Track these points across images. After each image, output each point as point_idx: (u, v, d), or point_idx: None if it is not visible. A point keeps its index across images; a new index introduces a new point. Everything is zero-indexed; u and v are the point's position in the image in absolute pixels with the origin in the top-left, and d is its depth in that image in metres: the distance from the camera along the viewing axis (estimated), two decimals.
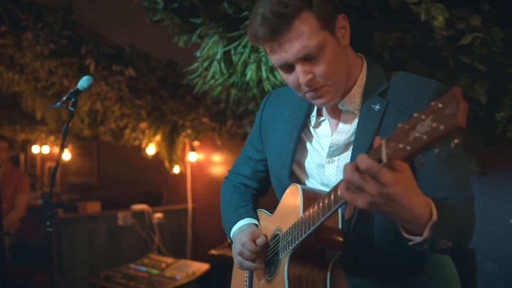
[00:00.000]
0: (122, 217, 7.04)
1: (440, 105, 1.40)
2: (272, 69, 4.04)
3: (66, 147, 11.15)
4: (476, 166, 5.48)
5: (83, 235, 6.78)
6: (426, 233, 1.73)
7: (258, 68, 4.05)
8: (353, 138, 2.14)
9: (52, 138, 10.58)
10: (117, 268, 6.73)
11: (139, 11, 3.99)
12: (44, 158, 12.52)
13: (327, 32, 2.00)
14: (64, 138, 3.69)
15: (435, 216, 1.72)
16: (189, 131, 7.37)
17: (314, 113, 2.27)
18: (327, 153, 2.20)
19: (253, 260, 2.28)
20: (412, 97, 2.02)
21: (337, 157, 2.18)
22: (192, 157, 8.20)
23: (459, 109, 1.35)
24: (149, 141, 7.48)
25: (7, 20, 5.16)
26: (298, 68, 2.03)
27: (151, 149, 7.71)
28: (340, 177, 2.12)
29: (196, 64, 4.35)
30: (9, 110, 8.81)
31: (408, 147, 1.46)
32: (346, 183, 1.68)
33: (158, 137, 7.35)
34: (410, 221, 1.74)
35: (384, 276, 2.08)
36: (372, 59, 2.24)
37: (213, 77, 4.26)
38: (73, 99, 3.56)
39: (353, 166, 1.64)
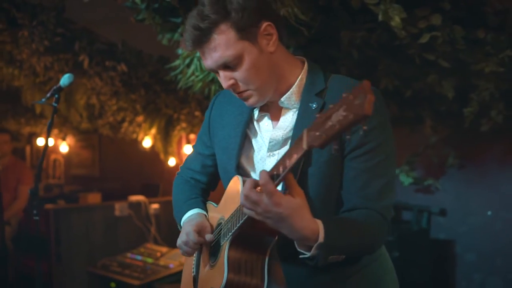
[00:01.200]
0: (119, 208, 7.16)
1: (351, 96, 1.62)
2: None
3: (64, 139, 11.37)
4: (455, 159, 5.61)
5: (81, 225, 6.90)
6: (313, 252, 1.99)
7: None
8: (291, 134, 2.30)
9: (56, 131, 10.73)
10: (114, 257, 6.87)
11: (131, 9, 4.08)
12: (49, 150, 12.67)
13: (246, 42, 2.16)
14: (48, 132, 3.89)
15: (321, 239, 1.96)
16: (184, 125, 7.50)
17: (257, 110, 2.42)
18: (267, 147, 2.36)
19: (197, 249, 2.47)
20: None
21: (277, 151, 2.34)
22: (188, 149, 8.28)
23: (366, 100, 1.57)
24: (145, 134, 7.60)
25: (4, 18, 5.32)
26: (221, 74, 2.23)
27: (147, 142, 7.82)
28: None
29: (178, 61, 4.50)
30: (13, 104, 8.96)
31: (324, 135, 1.69)
32: (245, 197, 1.96)
33: (153, 130, 7.48)
34: (298, 241, 2.02)
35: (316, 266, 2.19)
36: (314, 64, 2.38)
37: (193, 73, 4.40)
38: (56, 96, 3.74)
39: (252, 184, 1.97)
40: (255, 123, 2.45)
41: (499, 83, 4.09)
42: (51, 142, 12.14)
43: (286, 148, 2.32)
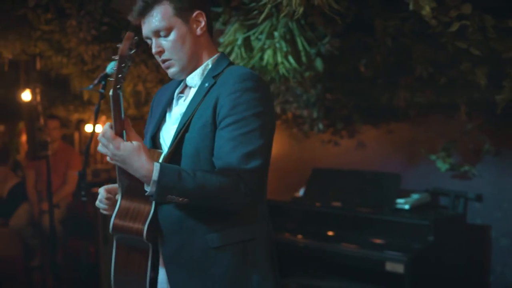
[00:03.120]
0: None
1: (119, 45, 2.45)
2: (286, 55, 4.36)
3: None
4: (491, 146, 5.68)
5: None
6: (149, 188, 2.47)
7: (274, 53, 4.37)
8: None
9: (103, 117, 10.91)
10: None
11: None
12: (96, 136, 12.89)
13: (179, 20, 2.70)
14: (95, 118, 4.06)
15: (154, 177, 2.42)
16: None
17: (178, 90, 2.93)
18: (171, 120, 2.88)
19: (109, 205, 2.85)
20: (226, 79, 2.68)
21: (176, 124, 2.78)
22: None
23: (123, 42, 2.39)
24: None
25: (53, 8, 5.50)
26: (153, 42, 2.76)
27: None
28: None
29: (219, 50, 4.66)
30: (62, 91, 9.14)
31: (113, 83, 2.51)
32: (99, 141, 2.52)
33: None
34: (141, 179, 2.49)
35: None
36: (226, 57, 2.92)
37: (234, 61, 4.56)
38: (103, 82, 3.94)
39: (105, 130, 2.51)
40: (174, 101, 2.93)
41: None
42: (98, 128, 12.39)
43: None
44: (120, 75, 2.45)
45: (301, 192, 6.59)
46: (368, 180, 6.07)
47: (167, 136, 2.85)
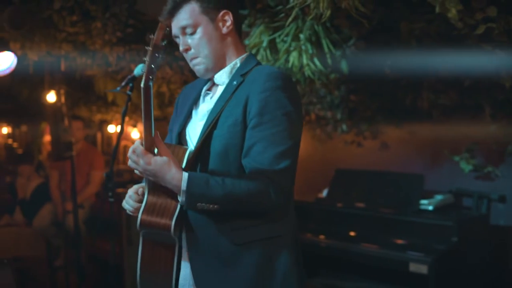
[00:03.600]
0: None
1: (152, 36, 2.53)
2: (312, 57, 4.40)
3: (135, 126, 11.63)
4: None
5: None
6: (180, 198, 2.56)
7: (300, 55, 4.41)
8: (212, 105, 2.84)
9: (126, 118, 10.96)
10: None
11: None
12: (123, 137, 12.95)
13: (206, 18, 2.76)
14: (123, 119, 4.18)
15: (183, 187, 2.51)
16: None
17: (206, 87, 2.98)
18: (198, 117, 2.92)
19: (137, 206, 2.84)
20: (255, 77, 2.72)
21: (204, 121, 2.81)
22: None
23: (156, 32, 2.51)
24: None
25: (78, 10, 5.56)
26: (181, 40, 2.85)
27: None
28: None
29: None
30: (85, 92, 9.22)
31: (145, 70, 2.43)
32: (128, 158, 2.58)
33: None
34: (172, 188, 2.57)
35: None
36: (254, 57, 2.95)
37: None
38: (130, 84, 4.03)
39: (132, 148, 2.55)
40: (201, 98, 2.99)
41: None
42: (118, 128, 12.45)
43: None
44: (152, 66, 2.47)
45: (324, 193, 6.60)
46: (391, 181, 6.07)
47: (193, 132, 2.89)
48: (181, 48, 2.86)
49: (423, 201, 5.68)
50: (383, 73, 5.23)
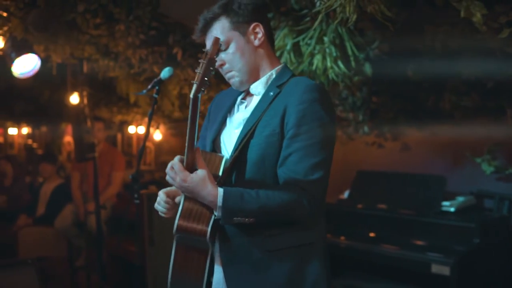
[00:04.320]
0: None
1: (207, 50, 2.53)
2: (336, 59, 4.43)
3: (157, 128, 11.69)
4: None
5: None
6: (217, 212, 2.62)
7: (324, 58, 4.44)
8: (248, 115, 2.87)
9: (146, 119, 11.01)
10: None
11: None
12: (139, 138, 13.00)
13: (237, 33, 2.85)
14: (149, 121, 4.22)
15: (219, 203, 2.58)
16: None
17: (241, 97, 3.05)
18: (233, 125, 2.96)
19: (169, 208, 2.95)
20: (292, 89, 2.77)
21: (239, 129, 2.87)
22: None
23: (212, 46, 2.50)
24: None
25: (101, 13, 5.61)
26: None
27: None
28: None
29: None
30: (106, 93, 9.28)
31: (196, 82, 2.47)
32: (167, 174, 2.68)
33: None
34: (208, 204, 2.64)
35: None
36: (288, 68, 3.00)
37: None
38: (157, 87, 4.08)
39: (170, 164, 2.66)
40: (235, 107, 3.04)
41: None
42: (142, 130, 12.52)
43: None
44: (206, 78, 2.51)
45: (345, 194, 6.63)
46: (413, 182, 6.10)
47: (228, 140, 2.94)
48: (215, 64, 2.83)
49: (445, 203, 5.71)
50: (405, 75, 5.25)
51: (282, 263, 2.72)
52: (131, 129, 12.54)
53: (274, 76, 2.93)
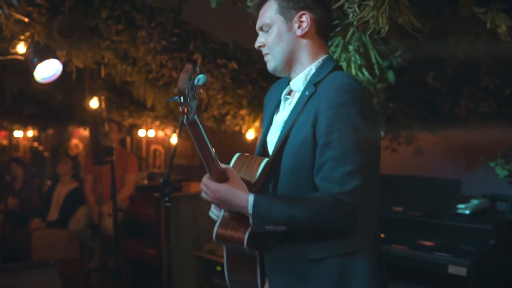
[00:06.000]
0: None
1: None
2: (360, 67, 4.55)
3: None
4: None
5: (188, 212, 7.28)
6: (249, 220, 2.61)
7: (348, 65, 4.56)
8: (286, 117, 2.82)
9: (157, 122, 11.10)
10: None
11: (240, 11, 4.39)
12: (149, 141, 13.13)
13: (281, 18, 2.78)
14: (181, 128, 4.31)
15: (250, 210, 2.57)
16: None
17: (286, 91, 2.95)
18: (276, 128, 2.90)
19: None
20: (325, 90, 2.66)
21: (279, 131, 2.82)
22: None
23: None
24: (249, 127, 7.85)
25: (124, 19, 5.72)
26: (259, 35, 2.90)
27: (250, 134, 8.13)
28: None
29: None
30: (119, 97, 9.39)
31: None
32: (201, 188, 2.74)
33: (257, 123, 7.79)
34: (242, 212, 2.64)
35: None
36: (331, 60, 2.86)
37: None
38: None
39: (202, 180, 2.72)
40: (281, 103, 2.98)
41: None
42: (152, 133, 12.63)
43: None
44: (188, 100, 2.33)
45: None
46: (428, 185, 6.21)
47: (270, 143, 2.94)
48: (256, 44, 2.91)
49: (460, 206, 5.83)
50: (425, 81, 5.36)
51: (325, 272, 2.64)
52: (141, 133, 12.62)
53: (313, 71, 2.80)
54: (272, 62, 2.86)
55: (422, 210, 5.96)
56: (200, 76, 2.32)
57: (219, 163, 2.66)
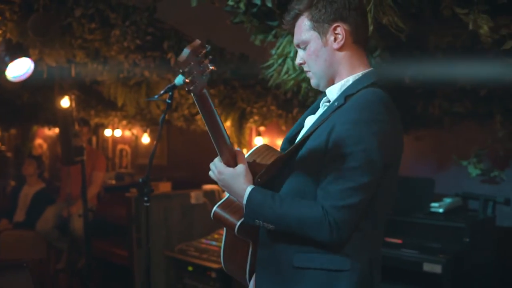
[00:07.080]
0: (195, 196, 7.51)
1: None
2: None
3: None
4: None
5: (159, 212, 7.27)
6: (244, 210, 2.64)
7: None
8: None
9: (124, 122, 11.05)
10: (190, 243, 7.25)
11: (215, 10, 4.44)
12: (115, 140, 13.04)
13: (315, 33, 2.71)
14: (161, 126, 4.31)
15: (244, 201, 2.62)
16: (256, 117, 7.85)
17: (326, 98, 2.89)
18: (304, 130, 2.90)
19: None
20: (351, 104, 2.58)
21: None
22: (258, 141, 8.68)
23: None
24: None
25: (97, 18, 5.67)
26: (298, 52, 2.85)
27: None
28: None
29: (271, 61, 4.84)
30: (86, 96, 9.31)
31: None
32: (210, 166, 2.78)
33: (228, 123, 7.80)
34: (239, 200, 2.69)
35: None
36: (371, 75, 2.74)
37: (286, 72, 4.75)
38: (170, 93, 4.15)
39: (214, 160, 2.75)
40: (321, 107, 2.93)
41: None
42: (118, 133, 12.56)
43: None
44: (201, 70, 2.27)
45: None
46: (401, 184, 6.24)
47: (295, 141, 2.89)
48: (296, 61, 2.87)
49: (433, 204, 5.88)
50: (402, 81, 5.37)
51: (309, 283, 2.60)
52: (107, 132, 12.55)
53: (350, 83, 2.71)
54: (314, 79, 2.83)
55: (396, 209, 5.99)
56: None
57: (231, 144, 2.69)
